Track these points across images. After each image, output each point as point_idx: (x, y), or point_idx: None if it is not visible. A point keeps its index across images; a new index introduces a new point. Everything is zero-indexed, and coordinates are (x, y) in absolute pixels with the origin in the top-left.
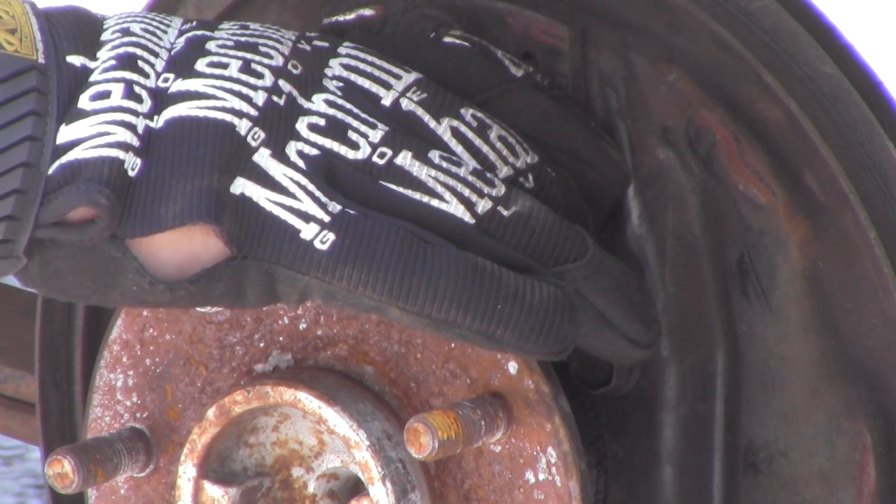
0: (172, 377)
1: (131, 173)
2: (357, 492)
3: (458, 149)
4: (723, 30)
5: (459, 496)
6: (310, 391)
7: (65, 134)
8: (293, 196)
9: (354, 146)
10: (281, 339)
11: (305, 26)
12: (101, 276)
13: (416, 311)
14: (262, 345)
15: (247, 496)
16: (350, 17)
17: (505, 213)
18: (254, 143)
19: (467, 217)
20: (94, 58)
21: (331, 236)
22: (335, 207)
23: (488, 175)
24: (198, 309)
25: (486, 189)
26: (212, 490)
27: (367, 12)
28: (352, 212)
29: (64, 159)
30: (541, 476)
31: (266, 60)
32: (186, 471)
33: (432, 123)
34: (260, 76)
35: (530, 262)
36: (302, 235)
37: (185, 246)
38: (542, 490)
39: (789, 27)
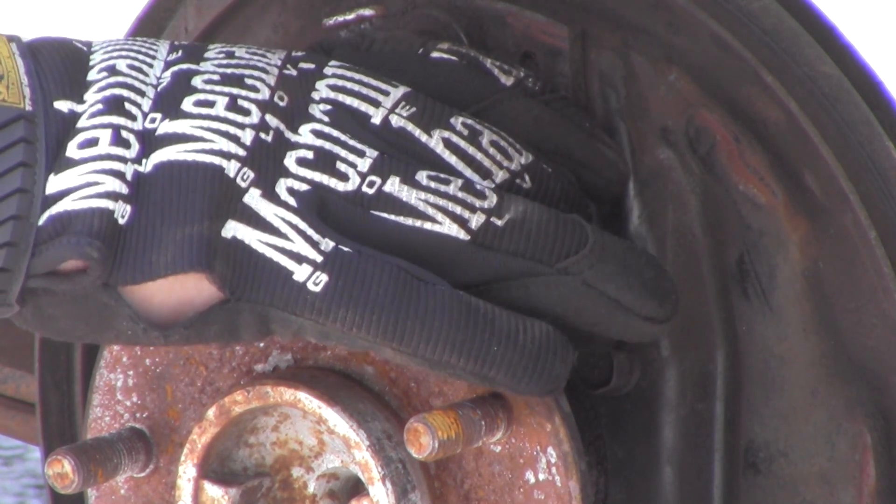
0: (172, 377)
1: (121, 221)
2: (357, 492)
3: (452, 160)
4: (723, 30)
5: (459, 496)
6: (310, 391)
7: (54, 184)
8: (285, 237)
9: (343, 178)
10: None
11: (305, 26)
12: (95, 321)
13: (410, 352)
14: (261, 345)
15: (247, 496)
16: (350, 16)
17: (499, 222)
18: (243, 185)
19: (462, 234)
20: (80, 101)
21: (324, 277)
22: (328, 245)
23: (479, 187)
24: None
25: (477, 203)
26: (212, 490)
27: (367, 12)
28: (345, 249)
29: (53, 210)
30: (541, 476)
31: (252, 95)
32: (186, 471)
33: (423, 137)
34: (247, 113)
35: (531, 265)
36: (295, 277)
37: (177, 292)
38: (542, 490)
39: (789, 27)
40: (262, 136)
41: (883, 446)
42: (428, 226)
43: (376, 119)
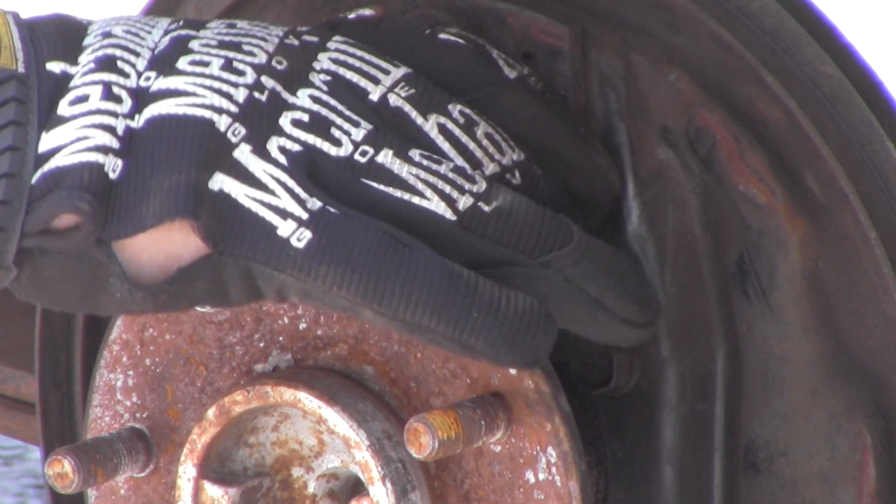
0: (172, 377)
1: (112, 175)
2: (357, 492)
3: (445, 146)
4: (723, 30)
5: (459, 496)
6: (310, 391)
7: (46, 142)
8: (272, 192)
9: (337, 143)
10: (281, 338)
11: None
12: (90, 283)
13: (390, 314)
14: (261, 345)
15: (247, 496)
16: (350, 17)
17: (486, 208)
18: (234, 139)
19: (448, 214)
20: (75, 63)
21: (307, 234)
22: (315, 204)
23: (469, 172)
24: (197, 308)
25: (467, 185)
26: (212, 490)
27: (367, 12)
28: (332, 210)
29: (45, 167)
30: (541, 476)
31: (248, 58)
32: (186, 471)
33: (419, 120)
34: (241, 73)
35: (514, 255)
36: (279, 232)
37: (165, 246)
38: (542, 490)
39: (789, 27)
40: (256, 95)
41: (883, 446)
42: (416, 200)
43: (374, 96)
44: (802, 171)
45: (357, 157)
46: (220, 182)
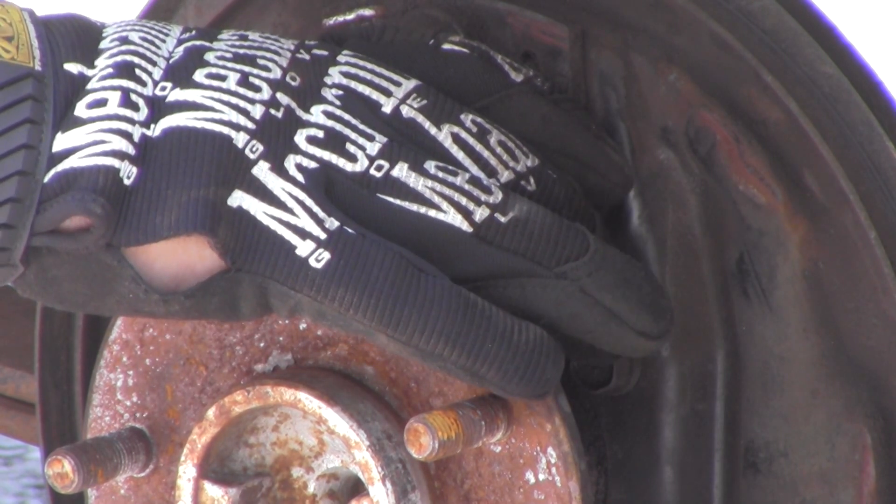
0: (172, 377)
1: (127, 182)
2: (357, 492)
3: (460, 155)
4: (723, 30)
5: (459, 496)
6: (310, 391)
7: (61, 142)
8: (291, 211)
9: (352, 159)
10: (281, 338)
11: (306, 26)
12: (98, 284)
13: (405, 340)
14: (262, 345)
15: (247, 496)
16: (350, 16)
17: (502, 219)
18: (252, 156)
19: (465, 226)
20: (91, 66)
21: (326, 255)
22: (333, 224)
23: (485, 182)
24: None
25: (483, 197)
26: (212, 490)
27: (367, 12)
28: (350, 230)
29: (59, 168)
30: (541, 476)
31: (264, 74)
32: (186, 471)
33: (433, 130)
34: (258, 90)
35: (531, 265)
36: (297, 252)
37: (179, 256)
38: (542, 490)
39: (789, 27)
40: (273, 112)
41: (883, 446)
42: (432, 213)
43: (387, 108)
44: (802, 171)
45: (373, 171)
46: (239, 199)
